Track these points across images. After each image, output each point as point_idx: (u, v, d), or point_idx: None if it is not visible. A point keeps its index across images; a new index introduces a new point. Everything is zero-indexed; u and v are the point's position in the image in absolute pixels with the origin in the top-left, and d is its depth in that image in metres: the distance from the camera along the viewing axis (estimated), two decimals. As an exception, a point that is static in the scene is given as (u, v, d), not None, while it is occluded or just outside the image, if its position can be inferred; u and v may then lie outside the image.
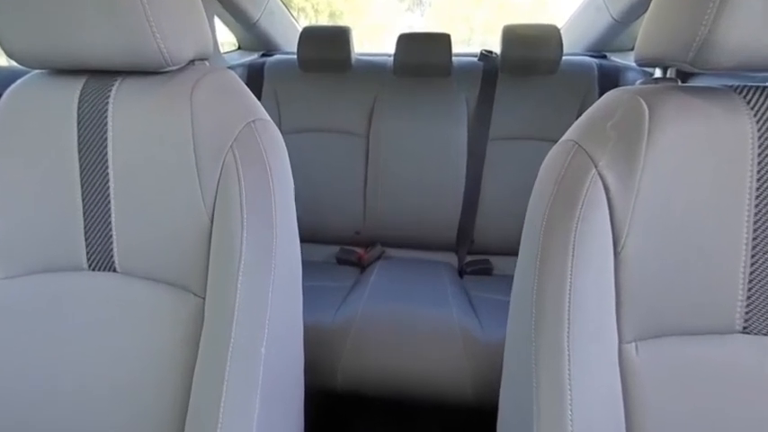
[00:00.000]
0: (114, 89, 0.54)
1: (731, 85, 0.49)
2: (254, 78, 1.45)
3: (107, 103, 0.54)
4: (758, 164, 0.46)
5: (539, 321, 0.48)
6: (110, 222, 0.55)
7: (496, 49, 1.37)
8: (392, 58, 1.38)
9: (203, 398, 0.51)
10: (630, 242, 0.47)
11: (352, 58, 1.39)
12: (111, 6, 0.48)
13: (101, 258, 0.56)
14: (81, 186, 0.55)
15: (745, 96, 0.47)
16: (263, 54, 1.65)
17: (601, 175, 0.47)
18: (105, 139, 0.54)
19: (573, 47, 1.56)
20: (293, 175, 0.60)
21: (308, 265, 1.33)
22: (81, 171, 0.55)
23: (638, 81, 0.55)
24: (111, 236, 0.55)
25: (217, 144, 0.52)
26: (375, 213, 1.37)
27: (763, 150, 0.46)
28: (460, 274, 1.35)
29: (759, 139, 0.46)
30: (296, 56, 1.38)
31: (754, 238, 0.47)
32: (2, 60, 1.13)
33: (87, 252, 0.56)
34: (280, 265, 0.54)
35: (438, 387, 0.93)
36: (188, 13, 0.54)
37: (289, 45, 1.70)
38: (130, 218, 0.55)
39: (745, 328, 0.48)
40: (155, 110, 0.53)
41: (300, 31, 1.39)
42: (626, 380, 0.49)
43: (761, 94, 0.47)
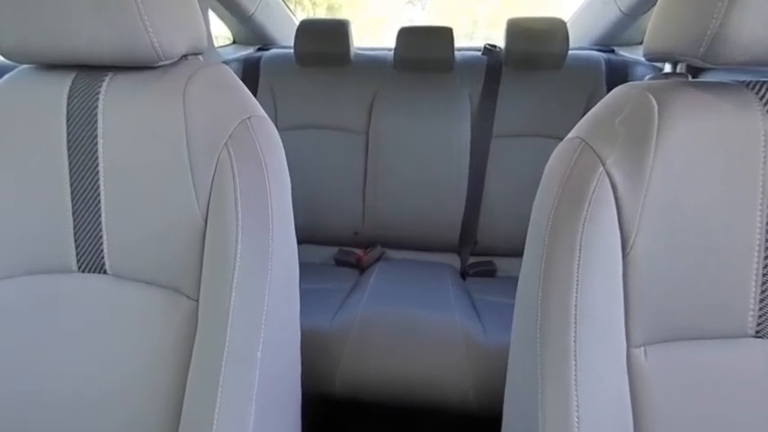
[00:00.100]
0: (105, 85, 0.54)
1: (743, 81, 0.49)
2: (249, 73, 1.45)
3: (97, 99, 0.54)
4: None
5: (544, 325, 0.48)
6: (100, 222, 0.55)
7: (500, 43, 1.37)
8: (392, 52, 1.38)
9: (197, 404, 0.51)
10: (639, 243, 0.47)
11: (351, 52, 1.39)
12: None
13: (91, 259, 0.56)
14: (70, 185, 0.55)
15: (757, 92, 0.47)
16: (258, 48, 1.65)
17: (608, 173, 0.47)
18: (95, 136, 0.54)
19: (579, 41, 1.56)
20: (290, 173, 0.60)
21: (305, 267, 1.33)
22: (70, 169, 0.55)
23: (647, 76, 0.55)
24: (102, 236, 0.55)
25: (211, 141, 0.52)
26: (375, 213, 1.37)
27: None
28: (463, 275, 1.35)
29: None
30: (293, 50, 1.38)
31: (767, 239, 0.47)
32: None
33: (77, 253, 0.56)
34: (276, 266, 0.54)
35: (439, 393, 0.93)
36: (181, 6, 0.54)
37: (285, 39, 1.70)
38: (121, 218, 0.55)
39: (757, 332, 0.48)
40: (146, 106, 0.53)
41: (297, 24, 1.39)
42: (634, 385, 0.49)
43: None
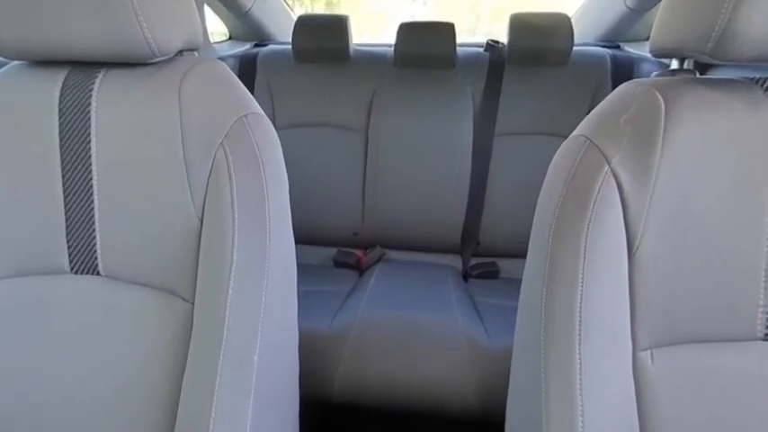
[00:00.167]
0: (98, 81, 0.54)
1: (753, 77, 0.49)
2: (246, 70, 1.45)
3: (90, 96, 0.54)
4: None
5: (548, 328, 0.48)
6: (93, 222, 0.55)
7: (503, 38, 1.37)
8: (393, 48, 1.38)
9: (193, 408, 0.51)
10: (646, 244, 0.47)
11: (351, 48, 1.39)
12: None
13: (83, 261, 0.56)
14: (62, 184, 0.55)
15: (767, 89, 0.47)
16: (255, 44, 1.65)
17: (614, 172, 0.47)
18: (88, 134, 0.54)
19: (584, 36, 1.56)
20: (288, 172, 0.60)
21: (303, 269, 1.33)
22: (63, 168, 0.55)
23: (653, 73, 0.55)
24: (95, 237, 0.55)
25: (207, 140, 0.52)
26: (374, 213, 1.37)
27: None
28: (465, 277, 1.35)
29: None
30: (290, 46, 1.38)
31: None
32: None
33: (69, 254, 0.56)
34: (273, 268, 0.54)
35: (441, 398, 0.93)
36: (176, 1, 0.54)
37: (283, 35, 1.70)
38: (115, 218, 0.55)
39: (766, 335, 0.48)
40: (141, 103, 0.53)
41: (295, 19, 1.39)
42: (641, 390, 0.49)
43: None
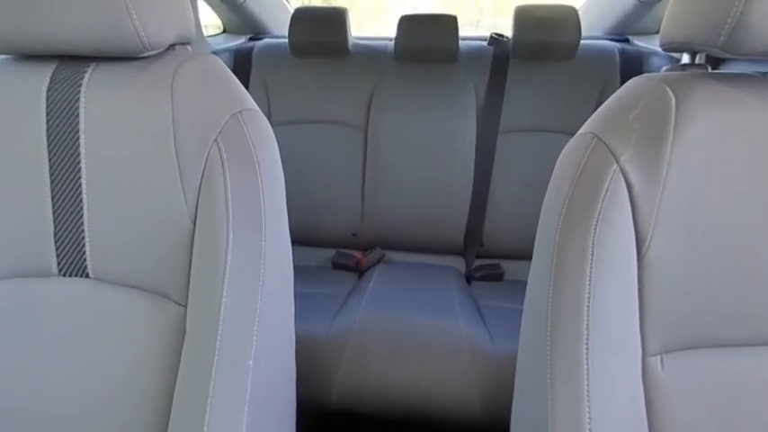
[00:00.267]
0: (87, 76, 0.54)
1: (766, 72, 0.49)
2: (240, 65, 1.45)
3: (79, 91, 0.54)
4: None
5: (554, 332, 0.48)
6: (82, 223, 0.55)
7: (508, 32, 1.37)
8: (393, 42, 1.38)
9: (186, 416, 0.51)
10: (656, 244, 0.47)
11: (349, 42, 1.39)
12: None
13: (72, 263, 0.56)
14: (50, 183, 0.55)
15: None
16: (250, 38, 1.65)
17: (623, 170, 0.47)
18: (77, 131, 0.54)
19: (592, 30, 1.56)
20: (284, 170, 0.60)
21: (300, 270, 1.33)
22: (50, 166, 0.55)
23: (663, 67, 0.55)
24: (84, 238, 0.55)
25: (200, 137, 0.52)
26: (374, 213, 1.37)
27: None
28: (468, 279, 1.35)
29: None
30: (287, 40, 1.38)
31: None
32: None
33: (57, 256, 0.56)
34: (269, 270, 0.54)
35: (443, 404, 0.93)
36: None
37: (279, 28, 1.70)
38: (105, 218, 0.55)
39: None
40: (131, 99, 0.53)
41: (292, 12, 1.39)
42: (650, 396, 0.49)
43: None
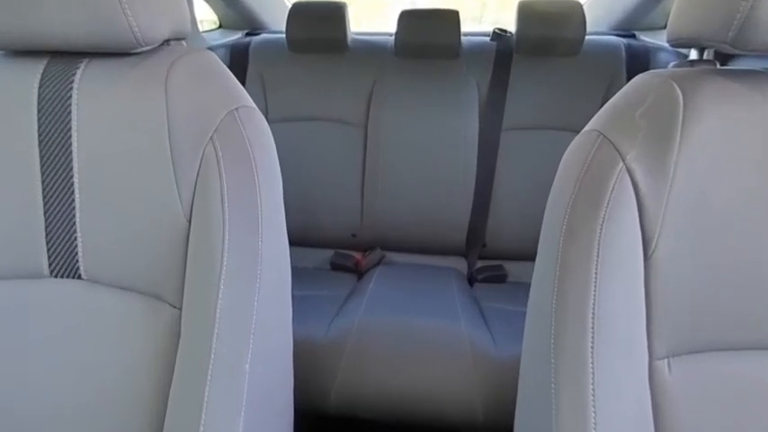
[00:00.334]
0: (79, 72, 0.54)
1: None
2: (237, 60, 1.45)
3: (71, 88, 0.54)
4: None
5: (559, 335, 0.48)
6: (74, 223, 0.55)
7: (511, 27, 1.37)
8: (393, 37, 1.38)
9: (181, 420, 0.51)
10: (663, 245, 0.47)
11: (349, 37, 1.39)
12: None
13: (64, 264, 0.56)
14: (42, 182, 0.55)
15: None
16: (247, 33, 1.65)
17: (629, 169, 0.47)
18: (69, 128, 0.54)
19: (597, 25, 1.56)
20: (281, 169, 0.60)
21: (298, 272, 1.33)
22: (42, 165, 0.55)
23: (671, 64, 0.55)
24: (76, 238, 0.55)
25: (195, 134, 0.52)
26: (374, 213, 1.37)
27: None
28: (470, 281, 1.35)
29: None
30: (284, 35, 1.38)
31: None
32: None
33: (49, 256, 0.56)
34: (266, 271, 0.54)
35: (444, 410, 0.93)
36: None
37: (276, 23, 1.70)
38: (97, 218, 0.55)
39: None
40: (125, 96, 0.53)
41: (290, 6, 1.39)
42: (657, 401, 0.49)
43: None
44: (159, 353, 0.54)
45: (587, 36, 1.29)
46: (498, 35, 1.39)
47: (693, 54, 0.55)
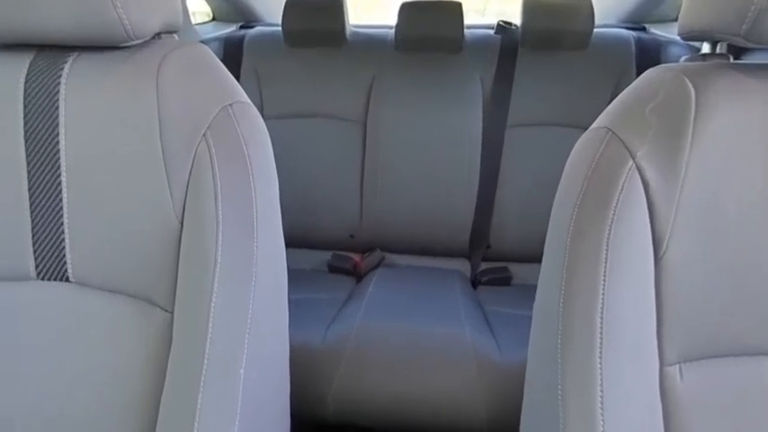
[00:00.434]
0: (67, 67, 0.54)
1: None
2: (231, 54, 1.45)
3: (59, 83, 0.54)
4: None
5: (566, 339, 0.48)
6: (62, 224, 0.55)
7: (516, 19, 1.37)
8: (393, 30, 1.38)
9: (172, 428, 0.51)
10: (674, 246, 0.47)
11: (347, 30, 1.39)
12: None
13: (51, 266, 0.56)
14: (28, 181, 0.55)
15: None
16: (241, 26, 1.65)
17: (639, 167, 0.47)
18: (56, 125, 0.54)
19: (606, 17, 1.56)
20: (277, 167, 0.60)
21: (294, 274, 1.32)
22: (28, 163, 0.55)
23: (682, 58, 0.55)
24: (63, 239, 0.55)
25: (187, 131, 0.52)
26: (373, 213, 1.37)
27: None
28: (474, 284, 1.35)
29: None
30: (280, 28, 1.38)
31: None
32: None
33: (36, 258, 0.56)
34: (261, 273, 0.54)
35: (447, 417, 0.93)
36: None
37: (272, 15, 1.70)
38: (86, 218, 0.55)
39: None
40: (114, 91, 0.53)
41: None
42: (668, 408, 0.49)
43: None
44: (150, 358, 0.55)
45: (596, 29, 1.29)
46: (503, 28, 1.39)
47: (706, 48, 0.55)
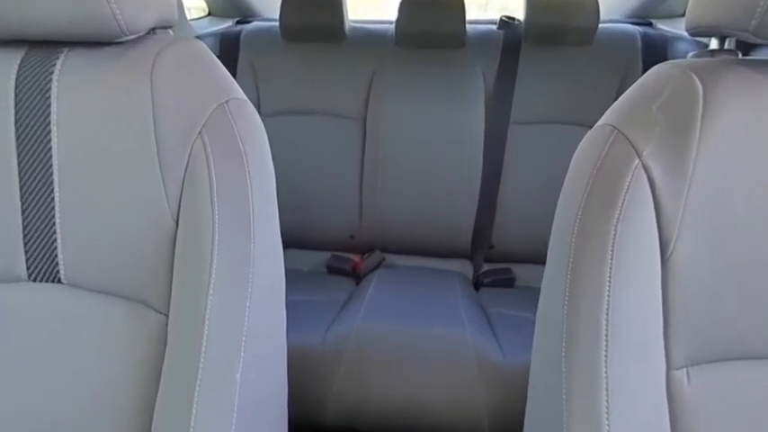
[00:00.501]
0: (59, 63, 0.54)
1: None
2: (227, 50, 1.45)
3: (50, 80, 0.54)
4: None
5: (570, 342, 0.48)
6: (54, 224, 0.55)
7: (519, 14, 1.37)
8: (394, 25, 1.38)
9: None
10: (681, 247, 0.47)
11: (346, 25, 1.39)
12: None
13: (43, 267, 0.56)
14: (19, 180, 0.55)
15: None
16: (238, 21, 1.65)
17: (645, 166, 0.47)
18: (48, 123, 0.54)
19: (612, 12, 1.56)
20: (275, 166, 0.60)
21: (292, 276, 1.32)
22: (19, 162, 0.55)
23: (690, 53, 0.55)
24: (56, 240, 0.55)
25: (183, 129, 0.52)
26: (373, 213, 1.37)
27: None
28: (476, 285, 1.35)
29: None
30: (278, 23, 1.38)
31: None
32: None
33: (27, 259, 0.56)
34: (259, 274, 0.54)
35: (448, 422, 0.93)
36: None
37: (269, 10, 1.70)
38: (79, 218, 0.55)
39: None
40: (108, 88, 0.53)
41: None
42: (675, 412, 0.49)
43: None
44: (144, 362, 0.55)
45: (601, 24, 1.29)
46: (506, 23, 1.39)
47: (714, 43, 0.55)
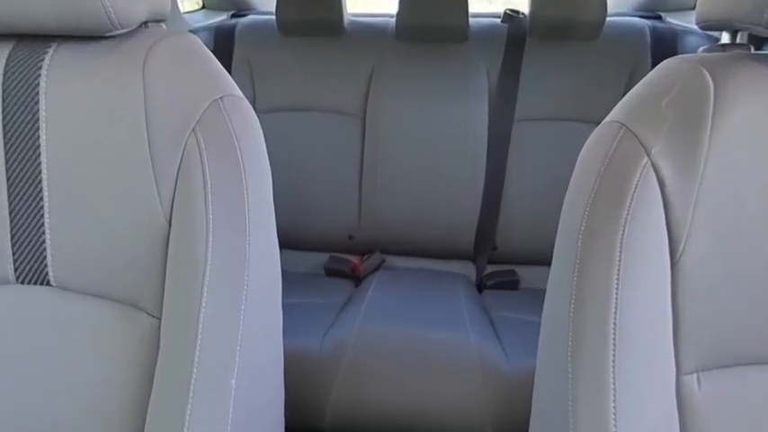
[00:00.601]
0: (48, 57, 0.54)
1: None
2: (222, 44, 1.45)
3: (39, 75, 0.54)
4: None
5: (577, 346, 0.48)
6: (42, 224, 0.55)
7: (524, 7, 1.37)
8: (394, 19, 1.38)
9: None
10: (691, 248, 0.47)
11: (345, 19, 1.39)
12: None
13: (31, 269, 0.56)
14: (7, 180, 0.55)
15: None
16: (233, 14, 1.65)
17: (654, 164, 0.47)
18: (37, 120, 0.54)
19: (620, 5, 1.56)
20: (271, 164, 0.60)
21: (289, 278, 1.32)
22: (6, 160, 0.55)
23: (700, 48, 0.56)
24: (44, 241, 0.56)
25: (176, 125, 0.52)
26: (373, 213, 1.37)
27: None
28: (479, 288, 1.35)
29: None
30: (274, 16, 1.38)
31: None
32: None
33: (14, 261, 0.56)
34: (254, 276, 0.54)
35: (451, 428, 0.93)
36: None
37: (265, 3, 1.70)
38: (68, 218, 0.55)
39: None
40: (98, 83, 0.53)
41: None
42: (685, 419, 0.49)
43: None
44: (136, 366, 0.55)
45: (608, 18, 1.29)
46: (510, 16, 1.39)
47: (725, 37, 0.55)
